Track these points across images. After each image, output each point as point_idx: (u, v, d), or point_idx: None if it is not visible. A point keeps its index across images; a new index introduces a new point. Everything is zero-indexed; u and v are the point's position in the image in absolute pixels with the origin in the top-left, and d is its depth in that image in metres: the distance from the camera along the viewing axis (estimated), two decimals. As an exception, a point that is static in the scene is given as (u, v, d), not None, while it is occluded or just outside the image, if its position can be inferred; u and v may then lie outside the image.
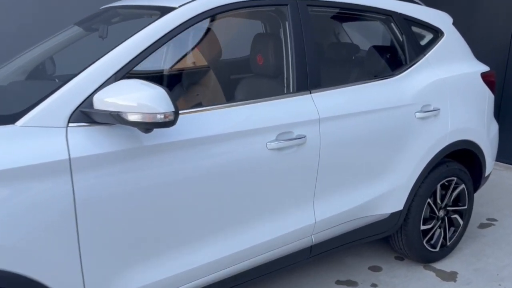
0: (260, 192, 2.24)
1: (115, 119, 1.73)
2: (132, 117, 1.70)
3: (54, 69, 2.79)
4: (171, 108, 1.72)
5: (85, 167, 1.75)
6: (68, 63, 2.67)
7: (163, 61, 3.36)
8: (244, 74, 3.00)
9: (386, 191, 2.76)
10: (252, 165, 2.18)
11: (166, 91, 1.73)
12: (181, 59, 3.30)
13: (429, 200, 3.03)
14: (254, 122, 2.19)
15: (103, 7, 2.84)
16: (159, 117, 1.70)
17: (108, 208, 1.82)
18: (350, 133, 2.51)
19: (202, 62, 3.28)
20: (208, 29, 3.14)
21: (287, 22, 2.44)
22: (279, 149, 2.24)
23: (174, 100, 1.73)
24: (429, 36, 3.08)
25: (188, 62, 3.29)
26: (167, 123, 1.73)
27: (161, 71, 3.35)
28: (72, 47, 2.78)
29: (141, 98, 1.70)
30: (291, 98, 2.36)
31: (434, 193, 3.06)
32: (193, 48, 3.25)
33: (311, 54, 2.44)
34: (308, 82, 2.42)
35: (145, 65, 3.41)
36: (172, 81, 3.20)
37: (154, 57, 3.39)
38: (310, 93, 2.41)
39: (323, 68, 2.61)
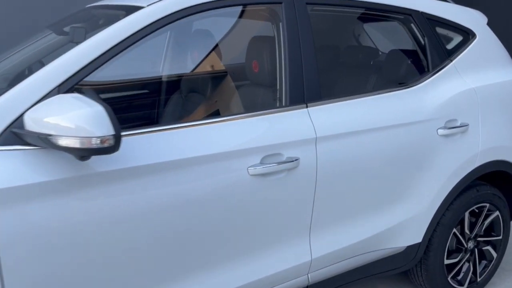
0: (240, 226, 1.88)
1: (45, 143, 1.41)
2: (63, 142, 1.38)
3: None
4: (110, 130, 1.39)
5: (10, 200, 1.44)
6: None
7: (174, 66, 3.07)
8: (242, 82, 2.65)
9: (401, 221, 2.34)
10: (229, 194, 1.82)
11: (106, 109, 1.40)
12: (199, 63, 3.00)
13: (455, 230, 2.59)
14: (232, 143, 1.84)
15: (88, 6, 2.56)
16: (95, 142, 1.38)
17: (40, 248, 1.50)
18: (355, 155, 2.11)
19: (220, 66, 2.97)
20: (205, 32, 2.82)
21: (281, 24, 2.08)
22: (264, 174, 1.88)
23: (115, 120, 1.40)
24: (457, 39, 2.63)
25: (206, 67, 2.98)
26: (106, 149, 1.40)
27: (174, 77, 3.06)
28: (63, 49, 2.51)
29: (73, 118, 1.38)
30: (282, 114, 1.99)
31: (462, 221, 2.62)
32: (206, 52, 2.93)
33: (309, 61, 2.07)
34: (305, 94, 2.05)
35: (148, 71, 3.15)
36: (187, 88, 2.90)
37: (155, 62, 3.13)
38: (307, 106, 2.04)
39: (329, 77, 2.24)
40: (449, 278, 2.65)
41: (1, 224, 1.43)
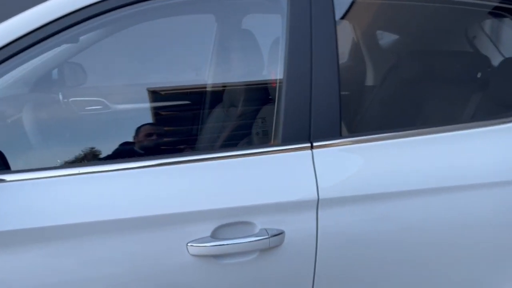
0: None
1: None
2: None
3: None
4: None
5: None
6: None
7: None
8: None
9: None
10: (156, 284, 1.16)
11: None
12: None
13: None
14: (168, 202, 1.17)
15: None
16: None
17: None
18: (392, 231, 1.29)
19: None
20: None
21: (285, 19, 1.35)
22: (216, 256, 1.17)
23: None
24: None
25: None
26: None
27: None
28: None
29: None
30: (264, 157, 1.26)
31: None
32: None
33: (325, 76, 1.30)
34: (311, 128, 1.28)
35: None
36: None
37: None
38: (312, 147, 1.27)
39: (390, 100, 1.44)
40: None
41: None
